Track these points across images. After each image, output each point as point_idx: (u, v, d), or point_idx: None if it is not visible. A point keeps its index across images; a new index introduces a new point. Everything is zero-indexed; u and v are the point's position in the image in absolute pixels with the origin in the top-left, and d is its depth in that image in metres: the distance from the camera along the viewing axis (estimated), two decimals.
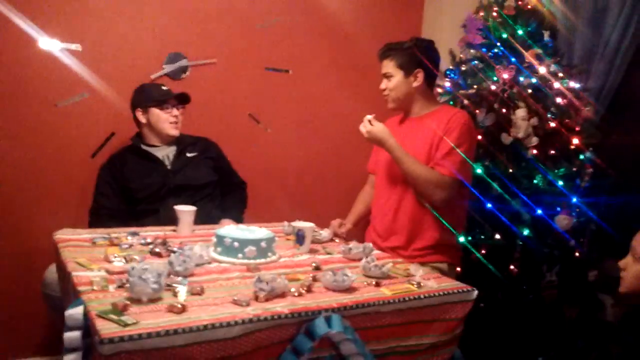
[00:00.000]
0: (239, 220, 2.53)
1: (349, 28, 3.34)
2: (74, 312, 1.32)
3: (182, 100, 2.60)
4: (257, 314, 1.35)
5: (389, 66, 2.31)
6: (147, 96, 2.54)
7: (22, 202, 2.61)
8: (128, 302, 1.33)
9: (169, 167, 2.53)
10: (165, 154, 2.57)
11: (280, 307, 1.40)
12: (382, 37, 2.51)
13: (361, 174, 2.69)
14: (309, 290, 1.55)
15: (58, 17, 2.62)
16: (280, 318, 1.37)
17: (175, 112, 2.56)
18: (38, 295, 2.31)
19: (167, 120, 2.54)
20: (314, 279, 1.65)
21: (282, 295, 1.49)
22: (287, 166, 3.27)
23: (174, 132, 2.56)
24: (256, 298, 1.45)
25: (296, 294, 1.51)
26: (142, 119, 2.55)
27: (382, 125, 2.23)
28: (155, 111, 2.53)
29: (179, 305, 1.33)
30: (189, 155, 2.59)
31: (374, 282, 1.67)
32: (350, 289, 1.59)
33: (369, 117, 2.24)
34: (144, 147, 2.57)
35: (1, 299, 2.60)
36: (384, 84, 2.34)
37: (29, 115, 2.60)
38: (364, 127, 2.22)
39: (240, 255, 1.78)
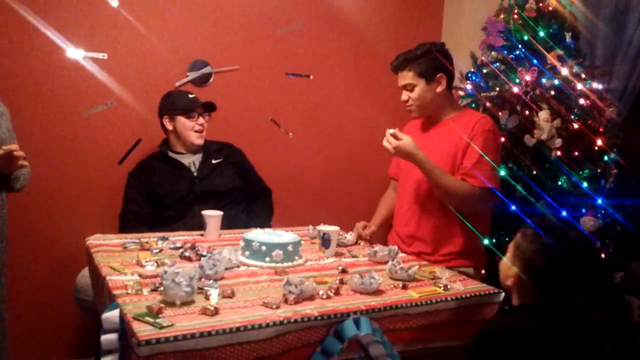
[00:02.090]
0: (267, 227, 2.56)
1: (369, 33, 3.36)
2: (111, 315, 1.36)
3: (209, 109, 2.65)
4: (287, 316, 1.37)
5: (407, 77, 2.25)
6: (174, 104, 2.60)
7: (52, 209, 2.68)
8: (162, 305, 1.37)
9: (195, 174, 2.58)
10: (192, 160, 2.62)
11: (310, 309, 1.43)
12: (403, 41, 2.52)
13: (383, 177, 2.71)
14: (337, 292, 1.57)
15: (84, 27, 2.69)
16: (310, 320, 1.40)
17: (201, 120, 2.61)
18: (70, 299, 2.37)
19: (192, 128, 2.59)
20: (341, 282, 1.68)
21: (311, 298, 1.52)
22: (310, 170, 3.30)
23: (199, 141, 2.61)
24: (285, 301, 1.48)
25: (324, 296, 1.54)
26: (169, 126, 2.61)
27: (409, 138, 2.09)
28: (181, 119, 2.58)
29: (212, 308, 1.36)
30: (214, 161, 2.64)
31: (400, 285, 1.69)
32: (377, 292, 1.61)
33: (391, 131, 2.10)
34: (171, 154, 2.62)
35: (35, 303, 2.67)
36: (406, 96, 2.28)
37: (57, 124, 2.68)
38: (389, 143, 2.09)
39: (267, 258, 1.82)
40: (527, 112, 2.62)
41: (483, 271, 2.44)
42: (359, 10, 3.33)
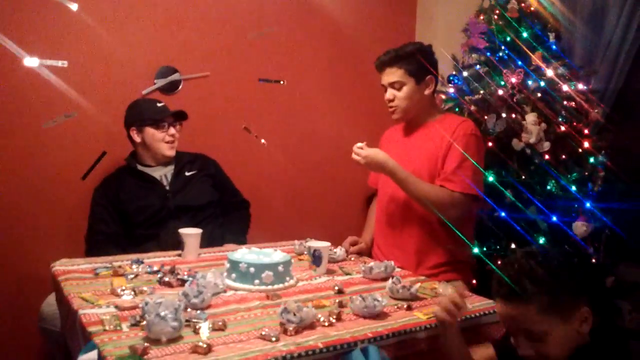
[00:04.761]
0: (242, 242, 2.41)
1: (341, 37, 3.25)
2: (88, 358, 1.19)
3: (179, 117, 2.47)
4: (290, 350, 1.23)
5: (397, 74, 2.15)
6: (142, 114, 2.40)
7: (11, 229, 2.44)
8: (147, 345, 1.20)
9: (167, 187, 2.40)
10: (163, 173, 2.43)
11: (313, 340, 1.29)
12: (374, 46, 2.42)
13: (361, 185, 2.59)
14: (338, 318, 1.44)
15: (42, 34, 2.47)
16: (314, 353, 1.25)
17: (172, 131, 2.43)
18: (34, 329, 2.15)
19: (163, 139, 2.40)
20: (341, 305, 1.54)
21: (311, 325, 1.38)
22: (286, 179, 3.15)
23: (170, 153, 2.43)
24: (285, 331, 1.33)
25: (326, 323, 1.39)
26: (137, 138, 2.41)
27: (377, 149, 2.08)
28: (150, 130, 2.39)
29: (204, 345, 1.20)
30: (187, 174, 2.46)
31: (404, 306, 1.56)
32: (381, 314, 1.48)
33: (359, 144, 2.05)
34: (139, 167, 2.43)
35: None
36: (391, 94, 2.18)
37: (14, 137, 2.45)
38: (358, 155, 2.03)
39: (257, 281, 1.66)
40: (513, 115, 2.54)
41: (474, 281, 2.35)
42: (330, 14, 3.20)
